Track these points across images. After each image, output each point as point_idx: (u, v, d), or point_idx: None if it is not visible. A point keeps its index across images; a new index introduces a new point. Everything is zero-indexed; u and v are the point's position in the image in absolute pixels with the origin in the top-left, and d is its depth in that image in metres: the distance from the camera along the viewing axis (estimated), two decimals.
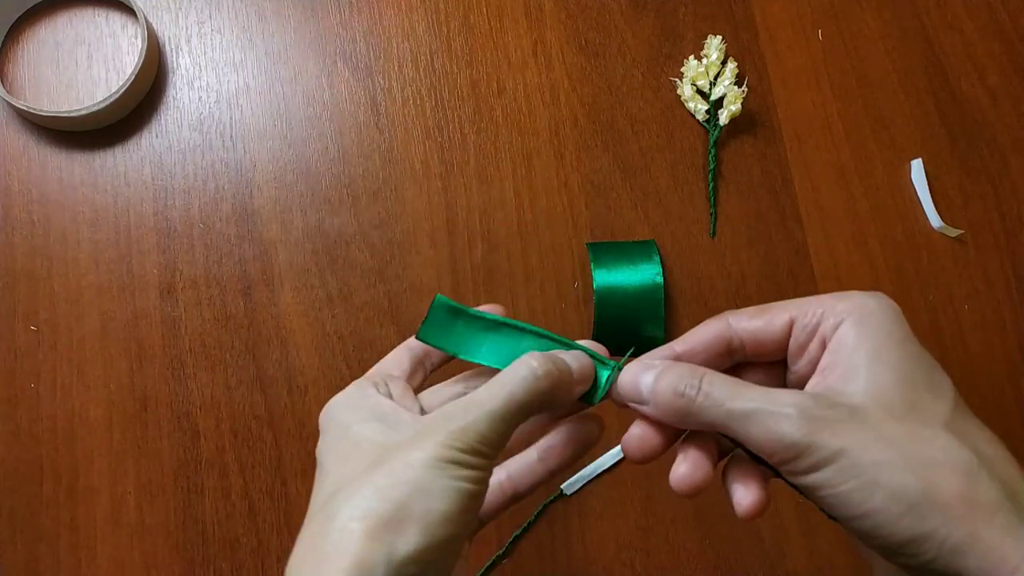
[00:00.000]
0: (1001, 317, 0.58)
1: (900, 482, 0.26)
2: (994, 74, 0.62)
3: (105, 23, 0.60)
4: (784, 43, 0.62)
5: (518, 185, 0.59)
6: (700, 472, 0.31)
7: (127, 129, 0.58)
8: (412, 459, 0.28)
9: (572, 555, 0.53)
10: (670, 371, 0.31)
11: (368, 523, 0.27)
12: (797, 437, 0.27)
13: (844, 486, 0.27)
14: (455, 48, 0.61)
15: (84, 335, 0.55)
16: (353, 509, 0.27)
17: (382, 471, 0.28)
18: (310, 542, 0.28)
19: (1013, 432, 0.56)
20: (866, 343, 0.29)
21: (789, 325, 0.32)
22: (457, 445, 0.28)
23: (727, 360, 0.33)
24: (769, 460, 0.29)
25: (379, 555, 0.26)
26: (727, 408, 0.29)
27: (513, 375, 0.31)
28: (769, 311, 0.32)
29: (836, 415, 0.28)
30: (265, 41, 0.61)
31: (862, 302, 0.30)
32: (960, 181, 0.60)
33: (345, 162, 0.58)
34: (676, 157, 0.60)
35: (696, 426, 0.31)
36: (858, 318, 0.30)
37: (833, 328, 0.30)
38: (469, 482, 0.29)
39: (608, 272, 0.55)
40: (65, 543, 0.52)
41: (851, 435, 0.27)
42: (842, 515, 0.28)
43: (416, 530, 0.27)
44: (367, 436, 0.30)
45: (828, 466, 0.27)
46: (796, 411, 0.28)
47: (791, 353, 0.32)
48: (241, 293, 0.56)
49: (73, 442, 0.53)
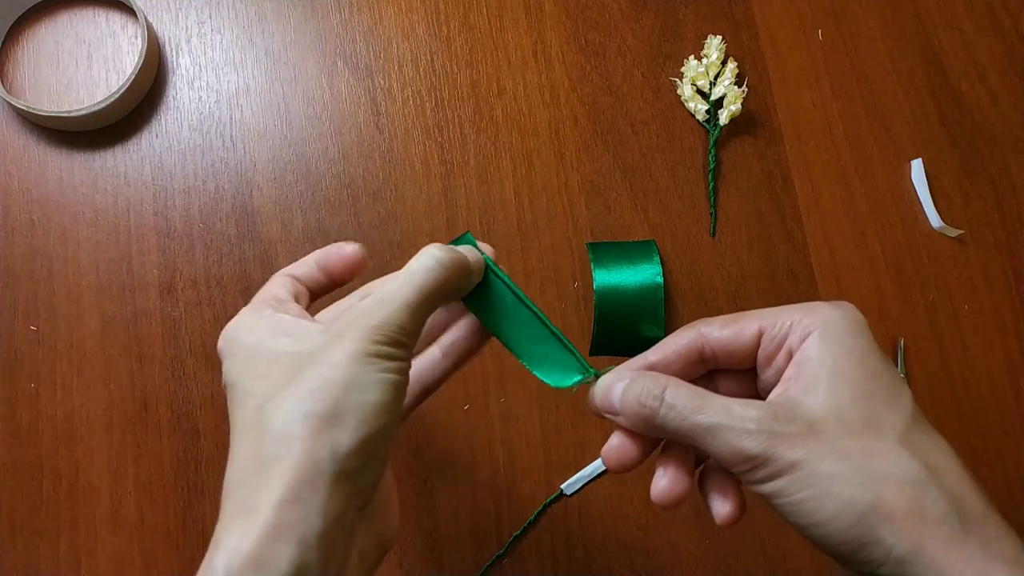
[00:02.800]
0: (1001, 317, 0.58)
1: (851, 494, 0.28)
2: (994, 74, 0.62)
3: (105, 23, 0.60)
4: (784, 43, 0.62)
5: (518, 185, 0.59)
6: (679, 486, 0.33)
7: (127, 129, 0.58)
8: (336, 359, 0.29)
9: (572, 555, 0.53)
10: (636, 382, 0.32)
11: (308, 424, 0.28)
12: (756, 450, 0.29)
13: (798, 495, 0.28)
14: (455, 48, 0.61)
15: (84, 335, 0.55)
16: (289, 413, 0.28)
17: (309, 375, 0.29)
18: (248, 453, 0.29)
19: (1013, 432, 0.56)
20: (828, 357, 0.30)
21: (758, 336, 0.33)
22: (378, 339, 0.29)
23: (700, 368, 0.34)
24: (730, 470, 0.30)
25: (324, 451, 0.27)
26: (689, 422, 0.30)
27: (419, 266, 0.32)
28: (739, 321, 0.33)
29: (794, 428, 0.29)
30: (265, 41, 0.61)
31: (827, 315, 0.31)
32: (960, 181, 0.60)
33: (345, 162, 0.58)
34: (676, 157, 0.60)
35: (664, 435, 0.32)
36: (822, 332, 0.31)
37: (799, 341, 0.31)
38: (394, 372, 0.30)
39: (608, 272, 0.55)
40: (65, 543, 0.52)
41: (807, 448, 0.29)
42: (797, 523, 0.29)
43: (354, 423, 0.28)
44: (281, 349, 0.31)
45: (784, 476, 0.29)
46: (755, 425, 0.29)
47: (760, 363, 0.33)
48: (241, 293, 0.56)
49: (73, 442, 0.53)
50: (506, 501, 0.53)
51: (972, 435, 0.56)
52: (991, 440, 0.56)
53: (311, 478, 0.27)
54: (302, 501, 0.27)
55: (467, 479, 0.53)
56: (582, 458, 0.54)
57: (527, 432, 0.55)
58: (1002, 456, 0.56)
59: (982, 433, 0.56)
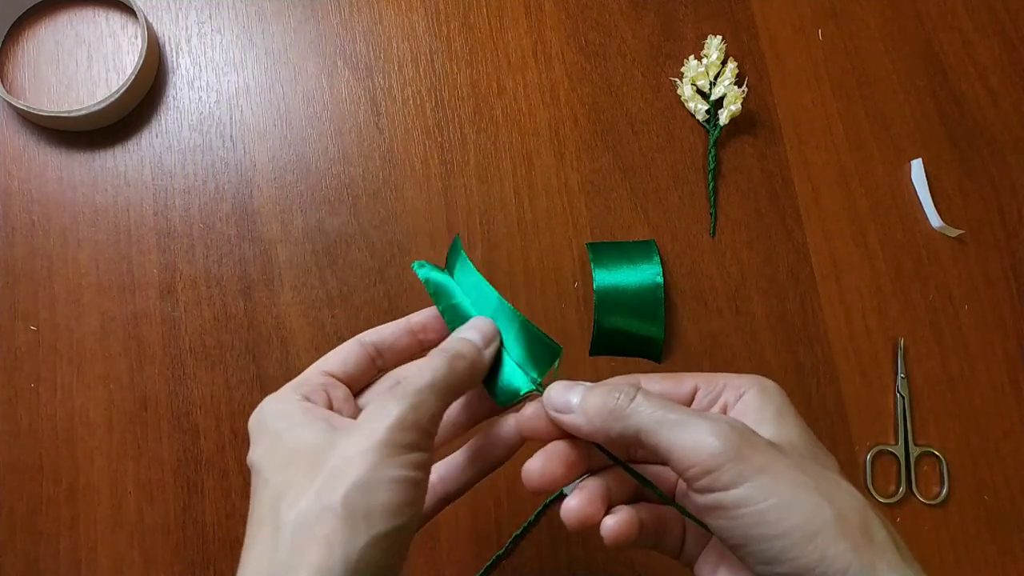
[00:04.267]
0: (1001, 317, 0.58)
1: (816, 503, 0.28)
2: (994, 74, 0.62)
3: (105, 23, 0.60)
4: (784, 43, 0.62)
5: (518, 185, 0.59)
6: (591, 508, 0.34)
7: (127, 129, 0.58)
8: (351, 454, 0.28)
9: (572, 555, 0.53)
10: (603, 384, 0.33)
11: (318, 528, 0.27)
12: (724, 448, 0.28)
13: (764, 503, 0.28)
14: (455, 48, 0.61)
15: (84, 335, 0.55)
16: (300, 515, 0.28)
17: (324, 472, 0.28)
18: (262, 555, 0.28)
19: (1013, 432, 0.56)
20: (770, 407, 0.32)
21: (693, 391, 0.34)
22: (392, 427, 0.29)
23: None
24: (688, 472, 0.29)
25: (336, 558, 0.27)
26: (660, 414, 0.30)
27: (430, 361, 0.32)
28: (677, 378, 0.34)
29: (758, 440, 0.30)
30: (265, 41, 0.61)
31: (760, 381, 0.33)
32: (960, 181, 0.60)
33: (345, 162, 0.58)
34: (676, 157, 0.60)
35: (621, 431, 0.31)
36: (760, 390, 0.33)
37: (736, 397, 0.33)
38: (410, 468, 0.29)
39: (608, 272, 0.55)
40: (65, 543, 0.52)
41: (773, 458, 0.29)
42: (758, 535, 0.28)
43: (365, 527, 0.27)
44: (303, 441, 0.30)
45: (750, 482, 0.28)
46: (727, 425, 0.29)
47: None
48: (241, 293, 0.56)
49: (73, 442, 0.53)
50: (506, 501, 0.53)
51: (972, 435, 0.56)
52: (991, 440, 0.56)
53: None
54: None
55: None
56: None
57: None
58: (1002, 456, 0.56)
59: (982, 433, 0.56)
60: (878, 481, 0.55)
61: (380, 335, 0.37)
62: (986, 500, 0.55)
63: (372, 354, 0.36)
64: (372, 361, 0.36)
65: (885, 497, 0.54)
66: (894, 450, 0.55)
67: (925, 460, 0.55)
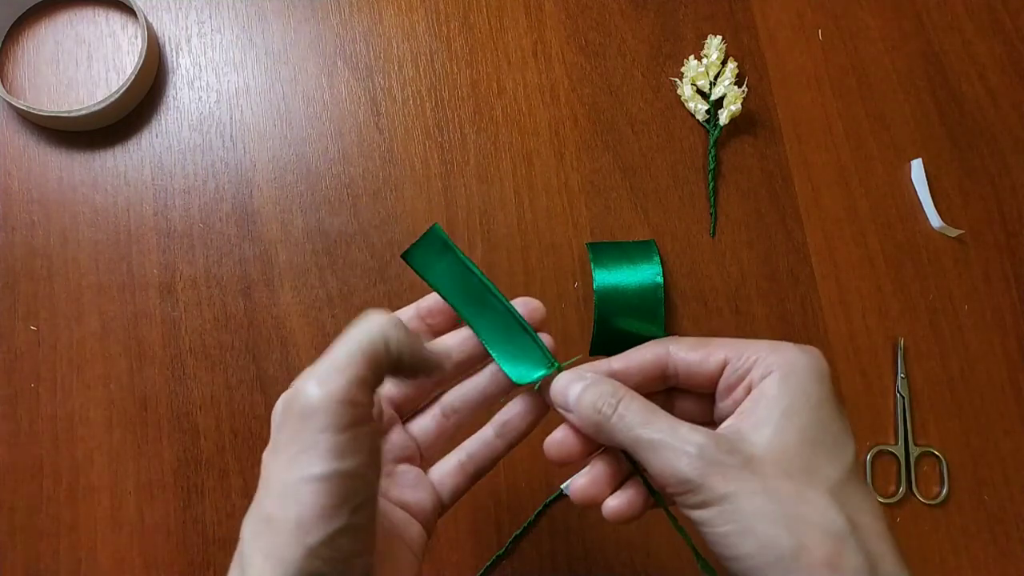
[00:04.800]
0: (1001, 317, 0.58)
1: (773, 535, 0.28)
2: (994, 74, 0.62)
3: (105, 23, 0.60)
4: (784, 43, 0.62)
5: (518, 185, 0.59)
6: (594, 488, 0.34)
7: (127, 129, 0.58)
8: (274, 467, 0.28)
9: (572, 555, 0.53)
10: (594, 386, 0.33)
11: (257, 543, 0.27)
12: (691, 475, 0.29)
13: (723, 528, 0.29)
14: (455, 48, 0.61)
15: (84, 335, 0.55)
16: (248, 529, 0.28)
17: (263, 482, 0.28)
18: (234, 566, 0.28)
19: (1013, 432, 0.56)
20: (784, 400, 0.31)
21: (723, 365, 0.33)
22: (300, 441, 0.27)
23: (661, 384, 0.35)
24: (663, 490, 0.31)
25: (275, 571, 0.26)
26: (636, 434, 0.31)
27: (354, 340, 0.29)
28: (707, 347, 0.34)
29: (732, 461, 0.30)
30: (265, 41, 0.61)
31: (792, 358, 0.32)
32: (960, 181, 0.60)
33: (345, 162, 0.58)
34: (676, 157, 0.60)
35: (608, 442, 0.33)
36: (784, 374, 0.31)
37: (760, 377, 0.32)
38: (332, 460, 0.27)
39: (608, 272, 0.55)
40: (65, 543, 0.52)
41: (740, 483, 0.29)
42: (719, 554, 0.30)
43: (296, 537, 0.26)
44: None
45: (713, 507, 0.29)
46: (696, 450, 0.30)
47: (719, 392, 0.34)
48: (241, 293, 0.56)
49: (73, 442, 0.53)
50: (506, 501, 0.53)
51: (972, 435, 0.56)
52: (991, 440, 0.56)
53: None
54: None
55: None
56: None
57: None
58: (1002, 456, 0.56)
59: (982, 433, 0.56)
60: (878, 481, 0.55)
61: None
62: (986, 500, 0.55)
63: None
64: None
65: (885, 497, 0.54)
66: (894, 450, 0.55)
67: (925, 460, 0.55)
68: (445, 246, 0.36)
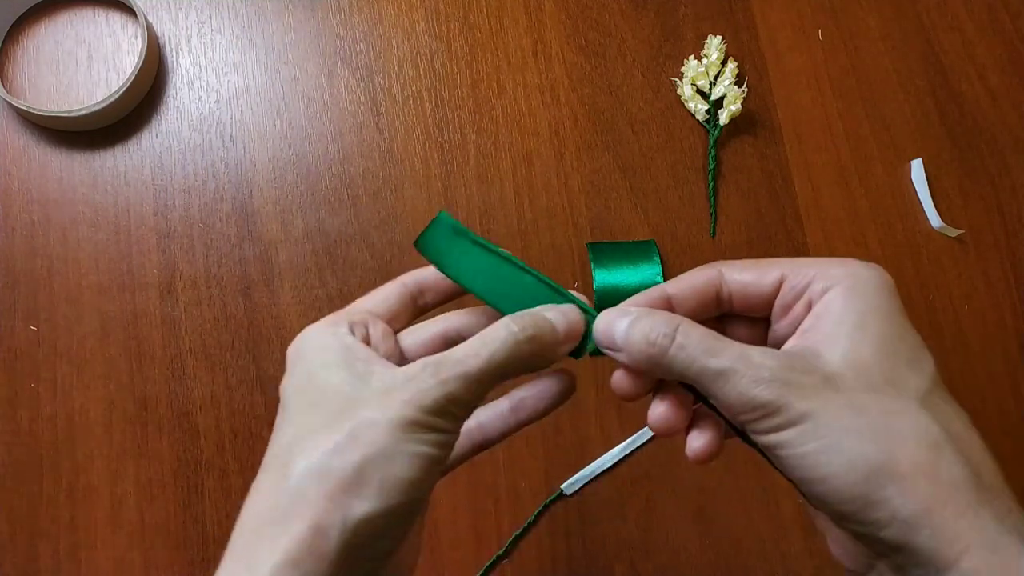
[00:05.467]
0: (1001, 317, 0.58)
1: (861, 450, 0.26)
2: (994, 74, 0.62)
3: (105, 23, 0.60)
4: (784, 43, 0.62)
5: (518, 185, 0.59)
6: (677, 415, 0.31)
7: (127, 129, 0.58)
8: (377, 418, 0.27)
9: (572, 555, 0.53)
10: (644, 319, 0.30)
11: (325, 484, 0.26)
12: (767, 398, 0.27)
13: (805, 447, 0.27)
14: (455, 48, 0.61)
15: (84, 335, 0.55)
16: (311, 466, 0.27)
17: (344, 428, 0.27)
18: (267, 496, 0.28)
19: (1013, 432, 0.56)
20: (852, 312, 0.29)
21: (779, 282, 0.31)
22: (425, 407, 0.28)
23: (714, 309, 0.33)
24: (736, 418, 0.29)
25: (335, 518, 0.26)
26: (700, 364, 0.28)
27: (494, 337, 0.30)
28: (762, 265, 0.32)
29: (809, 380, 0.27)
30: (265, 41, 0.61)
31: (856, 271, 0.30)
32: (960, 181, 0.60)
33: (345, 162, 0.58)
34: (676, 157, 0.60)
35: (667, 376, 0.30)
36: (849, 286, 0.29)
37: (821, 292, 0.30)
38: (433, 446, 0.28)
39: (608, 272, 0.55)
40: (65, 543, 0.52)
41: (821, 399, 0.27)
42: (799, 477, 0.28)
43: (373, 494, 0.26)
44: (334, 384, 0.29)
45: (793, 427, 0.27)
46: (769, 373, 0.27)
47: (775, 312, 0.32)
48: (241, 293, 0.56)
49: (73, 442, 0.53)
50: (506, 501, 0.53)
51: None
52: (991, 440, 0.56)
53: (317, 545, 0.26)
54: (301, 569, 0.26)
55: (467, 479, 0.53)
56: (582, 458, 0.54)
57: (527, 432, 0.54)
58: (1002, 456, 0.55)
59: (982, 433, 0.56)
60: None
61: (422, 275, 0.35)
62: None
63: (414, 293, 0.35)
64: (413, 300, 0.35)
65: None
66: None
67: None
68: (455, 231, 0.34)
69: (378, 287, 0.35)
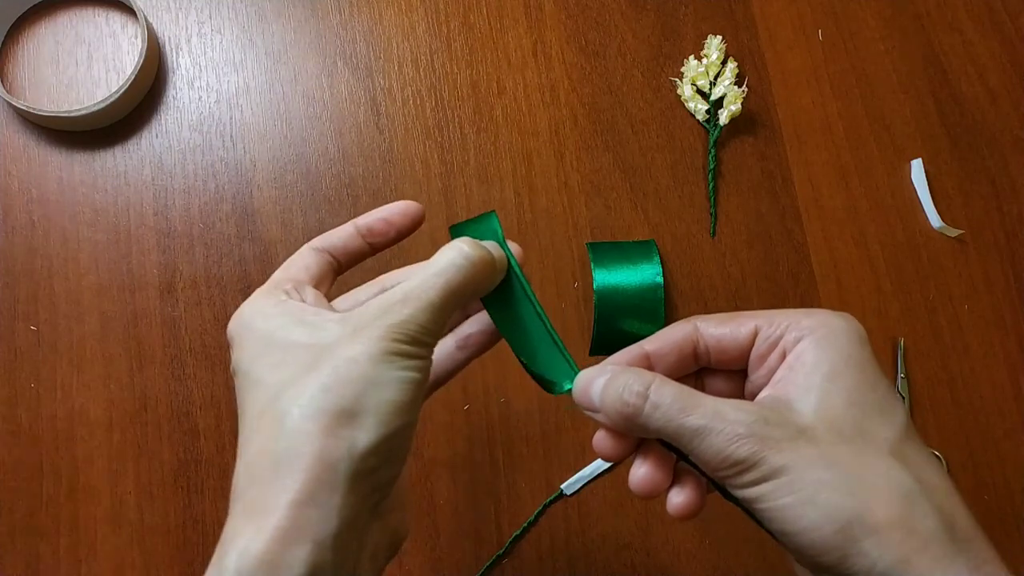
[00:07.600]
0: (1001, 317, 0.58)
1: (837, 502, 0.27)
2: (994, 74, 0.62)
3: (105, 23, 0.60)
4: (784, 43, 0.62)
5: (518, 185, 0.59)
6: (658, 476, 0.32)
7: (127, 129, 0.58)
8: (355, 354, 0.28)
9: (572, 555, 0.53)
10: (618, 377, 0.31)
11: (323, 420, 0.27)
12: (743, 455, 0.28)
13: (781, 500, 0.27)
14: (455, 48, 0.61)
15: (84, 335, 0.55)
16: (304, 408, 0.27)
17: (326, 369, 0.28)
18: (261, 447, 0.28)
19: (1013, 432, 0.56)
20: (824, 363, 0.29)
21: (753, 334, 0.32)
22: (399, 337, 0.29)
23: (692, 364, 0.33)
24: (714, 474, 0.29)
25: (340, 450, 0.27)
26: (676, 423, 0.29)
27: (446, 263, 0.31)
28: (736, 319, 0.32)
29: (783, 432, 0.28)
30: (265, 41, 0.61)
31: (827, 321, 0.30)
32: (960, 181, 0.60)
33: (345, 162, 0.58)
34: (676, 157, 0.60)
35: (646, 435, 0.31)
36: (820, 336, 0.30)
37: (794, 342, 0.30)
38: (415, 371, 0.29)
39: (608, 272, 0.55)
40: (65, 543, 0.52)
41: (795, 452, 0.28)
42: (777, 530, 0.28)
43: (373, 422, 0.27)
44: (295, 339, 0.29)
45: (769, 481, 0.28)
46: (745, 429, 0.28)
47: (752, 363, 0.32)
48: (241, 293, 0.56)
49: (73, 442, 0.53)
50: (506, 501, 0.53)
51: (972, 435, 0.56)
52: (991, 440, 0.56)
53: (327, 478, 0.26)
54: (317, 502, 0.26)
55: (467, 479, 0.53)
56: (582, 458, 0.54)
57: (527, 432, 0.55)
58: (1002, 456, 0.56)
59: (982, 433, 0.56)
60: None
61: (330, 240, 0.36)
62: (986, 500, 0.55)
63: (329, 260, 0.36)
64: (331, 266, 0.36)
65: None
66: None
67: None
68: (495, 236, 0.35)
69: (291, 257, 0.35)
